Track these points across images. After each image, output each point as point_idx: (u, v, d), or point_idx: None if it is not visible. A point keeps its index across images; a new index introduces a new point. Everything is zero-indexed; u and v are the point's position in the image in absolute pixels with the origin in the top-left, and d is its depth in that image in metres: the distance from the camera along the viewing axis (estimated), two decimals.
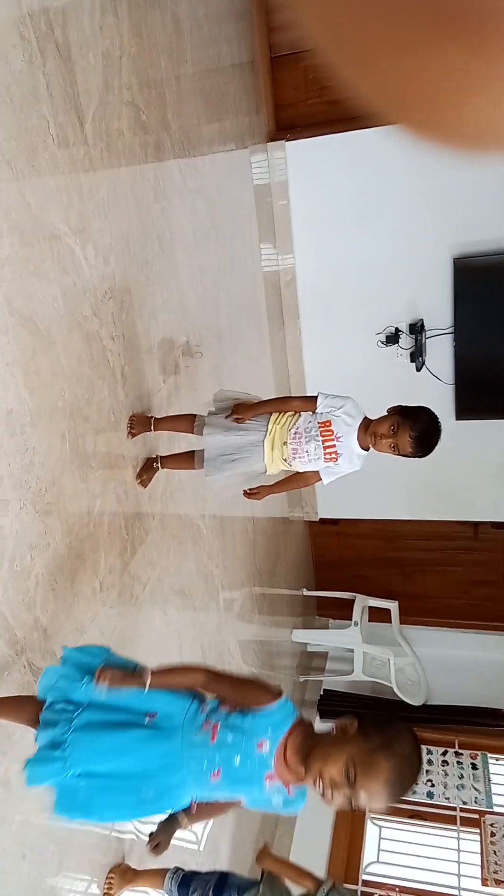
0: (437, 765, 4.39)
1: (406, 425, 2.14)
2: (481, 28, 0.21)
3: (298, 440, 2.30)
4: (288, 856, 4.04)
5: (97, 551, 2.16)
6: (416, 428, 2.14)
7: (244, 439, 2.35)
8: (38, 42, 1.84)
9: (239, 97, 3.67)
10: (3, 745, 1.66)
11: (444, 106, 0.24)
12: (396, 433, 2.15)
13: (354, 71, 0.25)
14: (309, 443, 2.29)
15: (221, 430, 2.37)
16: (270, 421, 2.36)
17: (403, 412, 2.19)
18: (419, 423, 2.16)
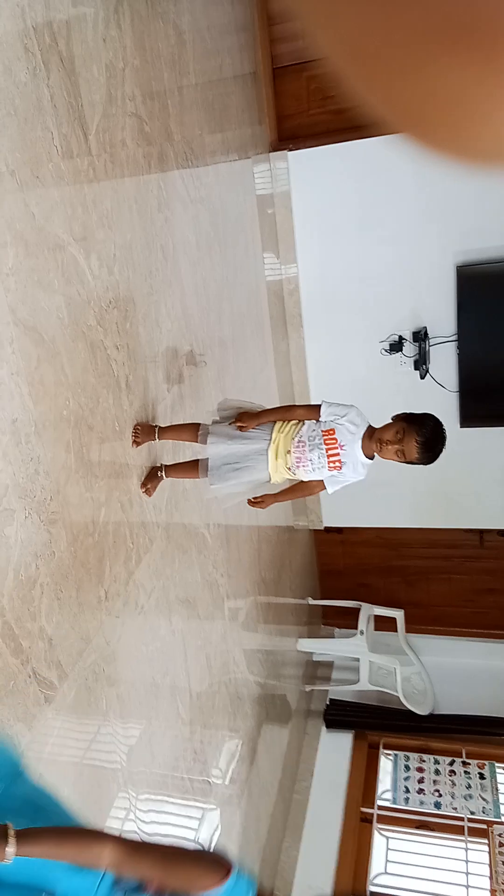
0: (445, 774, 4.36)
1: (412, 431, 2.14)
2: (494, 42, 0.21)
3: (302, 449, 2.30)
4: (294, 867, 4.01)
5: (102, 560, 2.15)
6: (422, 434, 2.14)
7: (248, 448, 2.35)
8: (43, 54, 1.86)
9: (241, 108, 3.70)
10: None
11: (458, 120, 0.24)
12: (402, 439, 2.15)
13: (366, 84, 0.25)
14: (312, 451, 2.28)
15: (225, 439, 2.37)
16: (274, 430, 2.36)
17: (409, 418, 2.19)
18: (425, 428, 2.16)
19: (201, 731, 3.02)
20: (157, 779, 2.60)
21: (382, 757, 4.58)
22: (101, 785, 2.16)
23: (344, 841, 4.08)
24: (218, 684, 3.28)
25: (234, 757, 3.50)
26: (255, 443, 2.35)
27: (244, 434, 2.35)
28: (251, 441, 2.35)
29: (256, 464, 2.36)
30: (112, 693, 2.21)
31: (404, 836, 4.15)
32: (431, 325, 4.20)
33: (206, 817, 3.07)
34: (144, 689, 2.47)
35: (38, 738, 1.78)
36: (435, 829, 4.14)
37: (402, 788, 4.34)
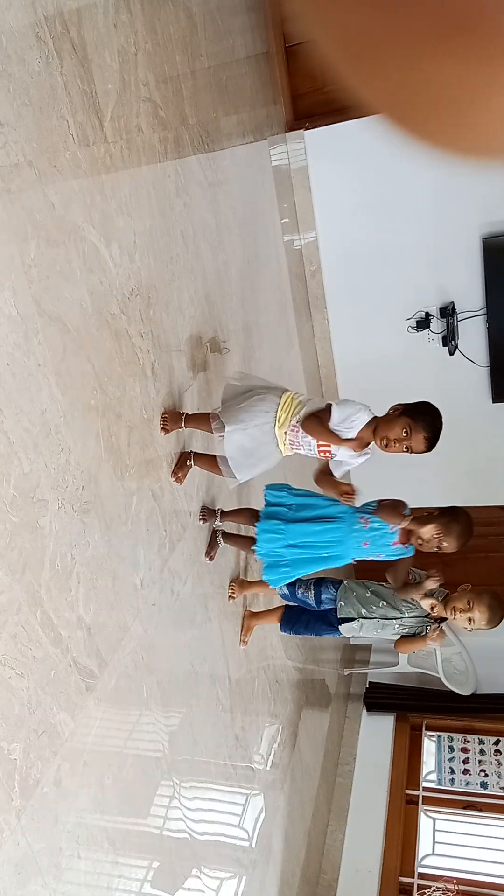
0: (490, 754, 4.31)
1: (418, 427, 2.14)
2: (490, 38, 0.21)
3: (296, 433, 2.32)
4: (341, 850, 4.02)
5: (136, 549, 2.16)
6: (428, 428, 2.15)
7: (259, 430, 2.36)
8: (55, 43, 1.84)
9: (255, 89, 3.65)
10: (54, 744, 1.67)
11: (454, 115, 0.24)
12: (410, 435, 2.14)
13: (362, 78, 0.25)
14: (305, 437, 2.30)
15: (239, 427, 2.36)
16: (279, 406, 2.35)
17: (412, 413, 2.17)
18: (430, 421, 2.16)
19: (242, 717, 3.03)
20: (200, 765, 2.61)
21: (425, 738, 4.55)
22: (145, 773, 2.17)
23: (390, 823, 4.07)
24: (256, 670, 3.28)
25: (276, 742, 3.50)
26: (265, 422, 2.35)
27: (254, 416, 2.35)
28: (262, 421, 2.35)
29: (272, 446, 2.38)
30: (152, 681, 2.22)
31: (451, 817, 4.13)
32: (459, 299, 4.11)
33: (250, 802, 3.08)
34: (184, 677, 2.48)
35: (81, 727, 1.79)
36: (482, 810, 4.10)
37: (447, 769, 4.31)
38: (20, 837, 1.54)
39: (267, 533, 2.62)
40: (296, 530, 2.58)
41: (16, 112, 1.66)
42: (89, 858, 1.81)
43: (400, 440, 2.15)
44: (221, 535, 2.80)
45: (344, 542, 2.54)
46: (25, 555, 1.60)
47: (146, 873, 2.15)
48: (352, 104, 0.27)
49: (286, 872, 3.42)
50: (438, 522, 2.33)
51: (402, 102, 0.25)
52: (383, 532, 2.47)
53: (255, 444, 2.37)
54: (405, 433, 2.14)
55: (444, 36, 0.21)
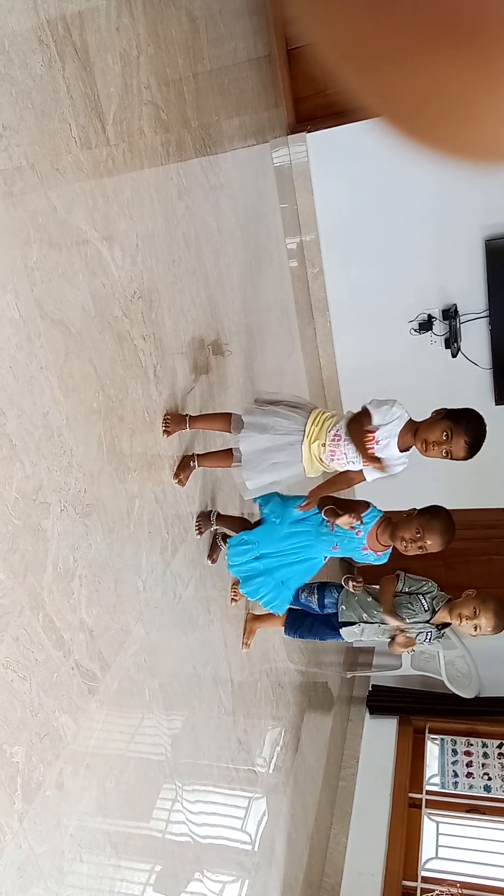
0: (494, 758, 4.30)
1: (460, 431, 2.06)
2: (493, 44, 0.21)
3: (337, 442, 2.24)
4: (344, 854, 4.01)
5: (139, 551, 2.15)
6: (470, 433, 2.07)
7: (282, 440, 2.31)
8: (57, 46, 1.85)
9: (257, 91, 3.66)
10: (56, 748, 1.67)
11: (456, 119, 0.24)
12: (451, 439, 2.07)
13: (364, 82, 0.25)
14: (348, 445, 2.22)
15: (258, 431, 2.33)
16: (309, 421, 2.30)
17: (454, 417, 2.10)
18: (472, 426, 2.08)
19: (244, 721, 3.02)
20: (203, 768, 2.60)
21: (429, 741, 4.54)
22: (148, 776, 2.17)
23: (393, 827, 4.06)
24: (259, 673, 3.27)
25: (279, 745, 3.49)
26: (289, 435, 2.30)
27: (277, 424, 2.31)
28: (285, 433, 2.31)
29: (291, 458, 2.32)
30: (154, 683, 2.22)
31: (455, 820, 4.11)
32: (461, 301, 4.11)
33: (252, 806, 3.08)
34: (186, 679, 2.48)
35: (83, 730, 1.79)
36: (486, 813, 4.09)
37: (450, 773, 4.30)
38: (22, 841, 1.54)
39: (236, 547, 2.65)
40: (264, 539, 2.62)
41: (18, 115, 1.66)
42: (92, 862, 1.81)
43: (440, 443, 2.08)
44: (221, 538, 2.79)
45: (313, 546, 2.57)
46: (28, 557, 1.60)
47: (148, 877, 2.14)
48: (354, 107, 0.27)
49: (289, 876, 3.41)
50: (419, 521, 2.31)
51: (404, 106, 0.25)
52: (350, 537, 2.46)
53: (271, 452, 2.32)
54: (445, 436, 2.07)
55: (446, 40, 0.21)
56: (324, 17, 0.24)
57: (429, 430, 2.11)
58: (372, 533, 2.43)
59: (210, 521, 2.68)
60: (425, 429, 2.13)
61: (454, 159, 0.27)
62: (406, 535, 2.33)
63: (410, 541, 2.32)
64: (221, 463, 2.52)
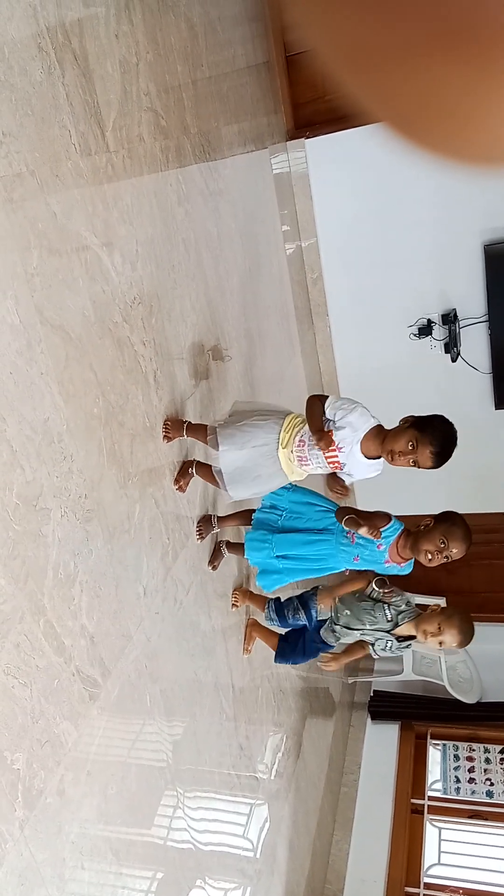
0: (496, 763, 4.28)
1: (425, 440, 2.01)
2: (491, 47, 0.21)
3: (302, 448, 2.23)
4: (346, 860, 3.99)
5: (139, 557, 2.15)
6: (436, 443, 2.01)
7: (260, 451, 2.29)
8: (57, 53, 1.85)
9: (256, 98, 3.67)
10: (57, 754, 1.66)
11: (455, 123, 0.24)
12: (416, 449, 2.02)
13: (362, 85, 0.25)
14: (312, 450, 2.20)
15: (235, 446, 2.30)
16: (282, 429, 2.28)
17: (419, 425, 2.05)
18: (438, 435, 2.03)
19: (246, 726, 3.01)
20: (204, 775, 2.59)
21: (430, 747, 4.52)
22: (149, 782, 2.16)
23: (395, 833, 4.04)
24: (260, 678, 3.26)
25: (280, 751, 3.48)
26: (266, 445, 2.28)
27: (253, 437, 2.28)
28: (262, 444, 2.28)
29: (272, 468, 2.30)
30: (155, 689, 2.21)
31: (457, 826, 4.09)
32: (460, 306, 4.12)
33: (254, 812, 3.07)
34: (187, 685, 2.47)
35: (84, 737, 1.78)
36: (488, 819, 4.07)
37: (452, 778, 4.28)
38: (23, 848, 1.53)
39: (253, 542, 2.61)
40: (282, 541, 2.55)
41: (18, 122, 1.67)
42: (93, 869, 1.80)
43: (405, 453, 2.02)
44: (225, 545, 2.79)
45: (334, 557, 2.51)
46: (28, 563, 1.60)
47: (150, 884, 2.13)
48: (353, 112, 0.27)
49: (291, 883, 3.39)
50: (441, 530, 2.22)
51: (403, 109, 0.25)
52: (371, 549, 2.39)
53: (251, 465, 2.30)
54: (411, 446, 2.02)
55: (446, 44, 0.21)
56: (323, 22, 0.24)
57: (394, 440, 2.06)
58: (393, 546, 2.35)
59: (212, 524, 2.67)
60: (391, 438, 2.08)
61: (454, 162, 0.27)
62: (430, 548, 2.21)
63: (436, 552, 2.20)
64: (210, 479, 2.49)
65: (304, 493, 2.66)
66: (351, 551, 2.45)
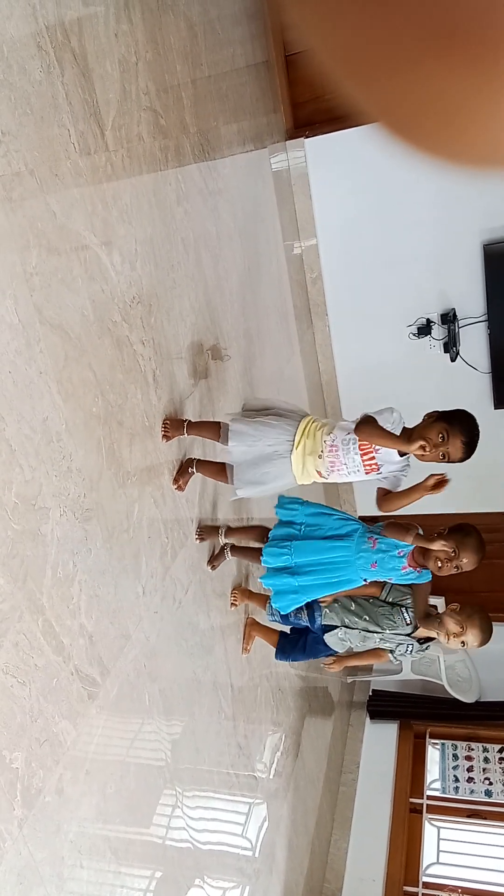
0: (494, 762, 4.29)
1: (455, 431, 2.05)
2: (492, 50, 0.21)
3: (335, 453, 2.22)
4: (345, 860, 3.99)
5: (138, 556, 2.15)
6: (466, 433, 2.06)
7: (271, 449, 2.29)
8: (56, 52, 1.85)
9: (255, 97, 3.67)
10: (56, 753, 1.66)
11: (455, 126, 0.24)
12: (447, 440, 2.05)
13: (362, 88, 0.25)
14: (347, 454, 2.21)
15: (246, 442, 2.31)
16: (298, 431, 2.28)
17: (447, 418, 2.08)
18: (467, 426, 2.07)
19: (244, 726, 3.01)
20: (203, 774, 2.59)
21: (429, 746, 4.52)
22: (148, 781, 2.16)
23: (394, 832, 4.04)
24: (259, 678, 3.27)
25: (279, 750, 3.48)
26: (278, 445, 2.29)
27: (265, 435, 2.29)
28: (274, 444, 2.29)
29: (281, 468, 2.30)
30: (154, 688, 2.21)
31: (456, 825, 4.10)
32: (460, 305, 4.12)
33: (253, 811, 3.07)
34: (186, 684, 2.47)
35: (83, 736, 1.78)
36: (487, 818, 4.07)
37: (450, 778, 4.28)
38: (22, 847, 1.53)
39: (273, 548, 2.54)
40: (302, 547, 2.51)
41: (17, 121, 1.67)
42: (92, 868, 1.80)
43: (437, 445, 2.05)
44: (230, 549, 2.77)
45: (352, 563, 2.45)
46: (27, 562, 1.60)
47: (149, 883, 2.14)
48: (352, 112, 0.27)
49: (290, 882, 3.40)
50: (453, 539, 2.25)
51: (403, 112, 0.25)
52: (391, 555, 2.40)
53: (260, 462, 2.31)
54: (441, 438, 2.05)
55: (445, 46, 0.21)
56: (322, 24, 0.24)
57: (425, 433, 2.08)
58: (410, 554, 2.38)
59: (219, 536, 2.66)
60: (420, 431, 2.10)
61: (453, 165, 0.27)
62: (441, 556, 2.26)
63: (446, 561, 2.25)
64: (217, 476, 2.50)
65: (318, 506, 2.64)
66: (370, 557, 2.42)
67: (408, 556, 2.38)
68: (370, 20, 0.22)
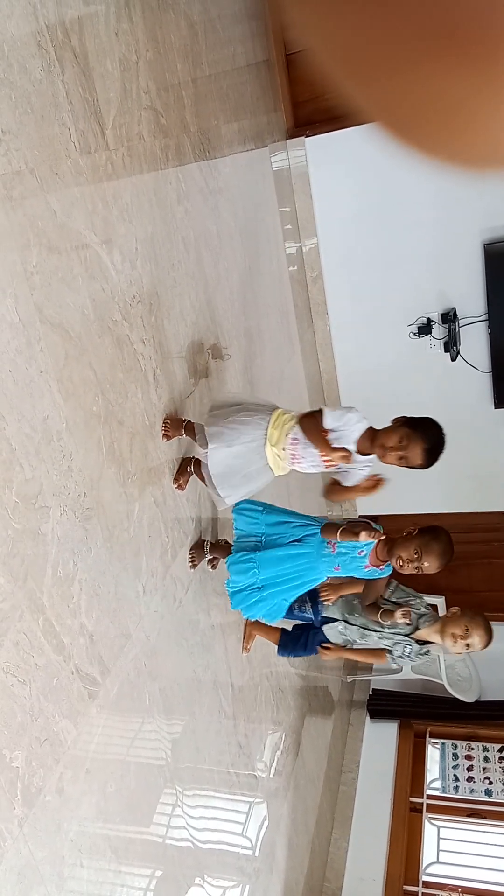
0: (494, 762, 4.29)
1: (417, 437, 2.08)
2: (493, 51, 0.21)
3: (295, 446, 2.25)
4: (345, 859, 3.99)
5: (139, 555, 2.15)
6: (427, 440, 2.09)
7: (248, 447, 2.30)
8: (56, 51, 1.85)
9: (256, 96, 3.67)
10: (56, 752, 1.66)
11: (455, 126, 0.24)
12: (407, 445, 2.09)
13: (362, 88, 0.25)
14: (307, 448, 2.23)
15: (224, 444, 2.30)
16: (269, 424, 2.29)
17: (411, 424, 2.12)
18: (430, 434, 2.10)
19: (245, 725, 3.01)
20: (203, 773, 2.60)
21: (429, 746, 4.53)
22: (148, 780, 2.16)
23: (394, 831, 4.04)
24: (259, 677, 3.27)
25: (279, 749, 3.48)
26: (254, 442, 2.29)
27: (241, 434, 2.29)
28: (250, 441, 2.29)
29: (261, 464, 2.31)
30: (154, 688, 2.21)
31: (455, 824, 4.10)
32: (460, 305, 4.12)
33: (253, 810, 3.07)
34: (186, 684, 2.47)
35: (83, 735, 1.78)
36: (487, 817, 4.08)
37: (450, 777, 4.29)
38: (22, 846, 1.53)
39: (237, 564, 2.53)
40: (265, 559, 2.51)
41: (18, 120, 1.66)
42: (92, 867, 1.80)
43: (395, 449, 2.09)
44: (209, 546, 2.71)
45: (314, 568, 2.49)
46: (27, 562, 1.60)
47: (149, 882, 2.14)
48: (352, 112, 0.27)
49: (290, 881, 3.40)
50: (419, 541, 2.27)
51: (402, 113, 0.25)
52: (352, 556, 2.42)
53: (241, 462, 2.31)
54: (402, 443, 2.09)
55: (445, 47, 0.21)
56: (321, 24, 0.24)
57: (386, 436, 2.13)
58: (372, 552, 2.41)
59: (204, 551, 2.63)
60: (383, 435, 2.14)
61: (452, 166, 0.27)
62: (403, 555, 2.29)
63: (407, 560, 2.27)
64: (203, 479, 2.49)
65: (278, 514, 2.63)
66: (332, 561, 2.46)
67: (370, 554, 2.40)
68: (370, 20, 0.22)
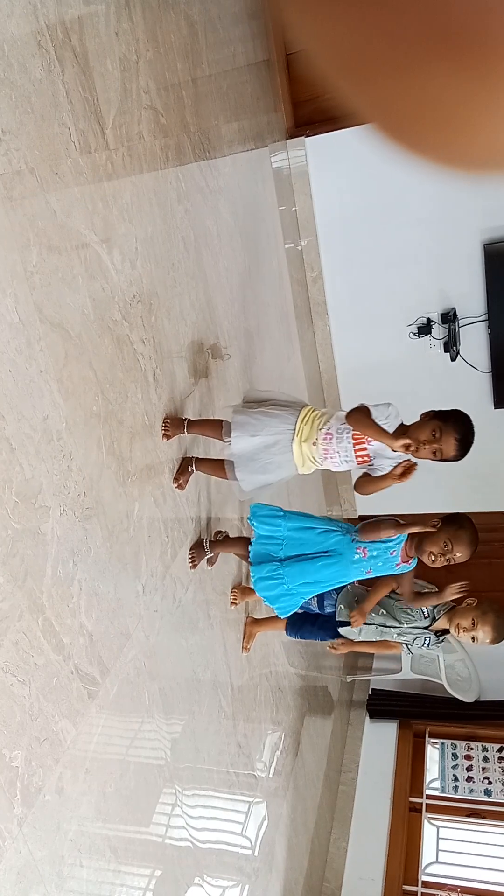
0: (494, 762, 4.29)
1: (449, 429, 2.09)
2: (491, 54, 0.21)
3: (329, 441, 2.25)
4: (344, 859, 3.99)
5: (138, 555, 2.15)
6: (459, 431, 2.09)
7: (272, 440, 2.30)
8: (56, 51, 1.85)
9: (256, 96, 3.67)
10: (55, 752, 1.66)
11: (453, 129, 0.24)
12: (440, 438, 2.08)
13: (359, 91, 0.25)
14: (340, 444, 2.24)
15: (248, 432, 2.31)
16: (298, 420, 2.30)
17: (442, 416, 2.13)
18: (461, 425, 2.10)
19: (244, 725, 3.01)
20: (203, 773, 2.60)
21: (429, 746, 4.52)
22: (148, 780, 2.16)
23: (393, 831, 4.04)
24: (258, 677, 3.27)
25: (278, 749, 3.48)
26: (280, 435, 2.30)
27: (267, 425, 2.30)
28: (276, 433, 2.30)
29: (283, 458, 2.31)
30: (154, 687, 2.21)
31: (455, 824, 4.10)
32: (460, 305, 4.11)
33: (252, 810, 3.07)
34: (186, 683, 2.47)
35: (83, 735, 1.78)
36: (486, 817, 4.08)
37: (450, 777, 4.29)
38: (22, 845, 1.53)
39: (265, 581, 2.55)
40: (293, 572, 2.52)
41: (18, 120, 1.66)
42: (91, 867, 1.80)
43: (430, 442, 2.09)
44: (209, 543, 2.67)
45: (346, 576, 2.52)
46: (27, 561, 1.60)
47: (148, 882, 2.14)
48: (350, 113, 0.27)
49: (289, 881, 3.40)
50: (447, 533, 2.27)
51: (399, 116, 0.25)
52: (385, 557, 2.43)
53: (263, 453, 2.31)
54: (434, 435, 2.08)
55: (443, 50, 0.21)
56: (319, 26, 0.24)
57: (419, 430, 2.12)
58: (403, 548, 2.42)
59: (204, 550, 2.60)
60: (415, 429, 2.14)
61: (450, 169, 0.26)
62: (434, 549, 2.30)
63: (439, 554, 2.29)
64: (218, 473, 2.50)
65: (300, 519, 2.63)
66: (363, 565, 2.46)
67: (400, 551, 2.39)
68: (367, 22, 0.22)
